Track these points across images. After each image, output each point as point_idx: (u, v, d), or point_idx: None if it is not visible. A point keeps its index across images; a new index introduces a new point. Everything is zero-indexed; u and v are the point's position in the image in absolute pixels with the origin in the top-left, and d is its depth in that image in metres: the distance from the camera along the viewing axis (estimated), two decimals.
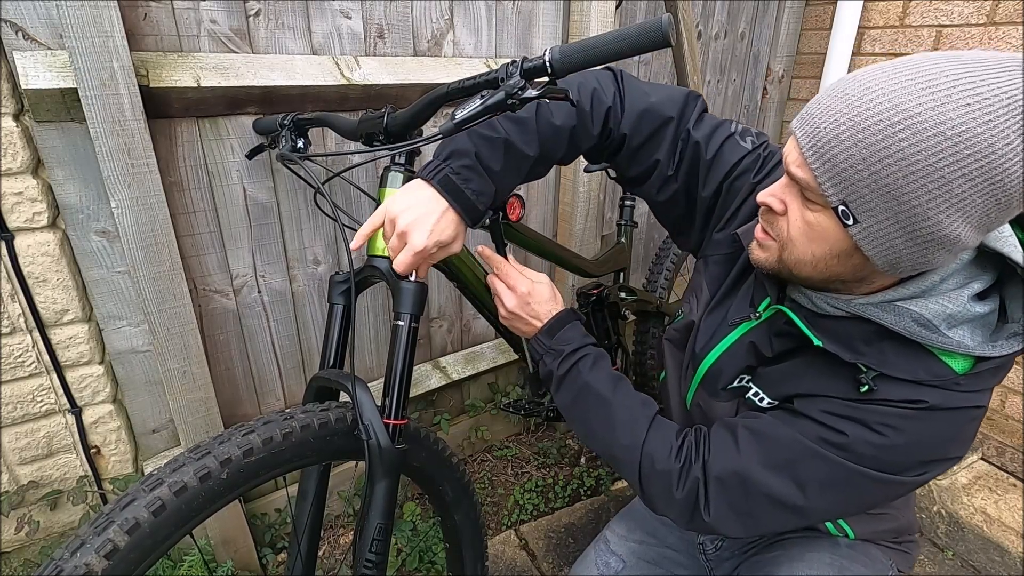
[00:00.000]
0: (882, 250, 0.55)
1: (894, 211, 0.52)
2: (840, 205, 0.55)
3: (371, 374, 1.52)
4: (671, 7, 1.56)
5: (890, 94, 0.50)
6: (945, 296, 0.59)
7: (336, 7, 1.17)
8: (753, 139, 0.80)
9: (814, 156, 0.54)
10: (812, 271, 0.62)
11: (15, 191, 0.96)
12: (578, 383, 0.82)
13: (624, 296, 1.48)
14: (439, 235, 0.72)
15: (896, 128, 0.49)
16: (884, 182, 0.51)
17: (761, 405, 0.74)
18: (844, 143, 0.52)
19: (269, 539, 1.42)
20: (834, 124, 0.53)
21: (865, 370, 0.62)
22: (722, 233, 0.82)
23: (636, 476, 0.77)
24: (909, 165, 0.49)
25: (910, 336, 0.60)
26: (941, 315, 0.59)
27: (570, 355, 0.84)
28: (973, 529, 1.61)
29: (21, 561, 1.19)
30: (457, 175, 0.71)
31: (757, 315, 0.74)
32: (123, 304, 1.10)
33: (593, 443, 0.83)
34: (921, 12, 1.87)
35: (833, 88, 0.55)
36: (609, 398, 0.80)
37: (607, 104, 0.79)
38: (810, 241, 0.60)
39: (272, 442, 0.72)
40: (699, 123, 0.81)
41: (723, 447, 0.72)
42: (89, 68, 0.87)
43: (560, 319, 0.86)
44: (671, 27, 0.57)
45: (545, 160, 0.79)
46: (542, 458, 1.85)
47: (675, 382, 0.91)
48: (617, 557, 1.00)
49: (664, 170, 0.83)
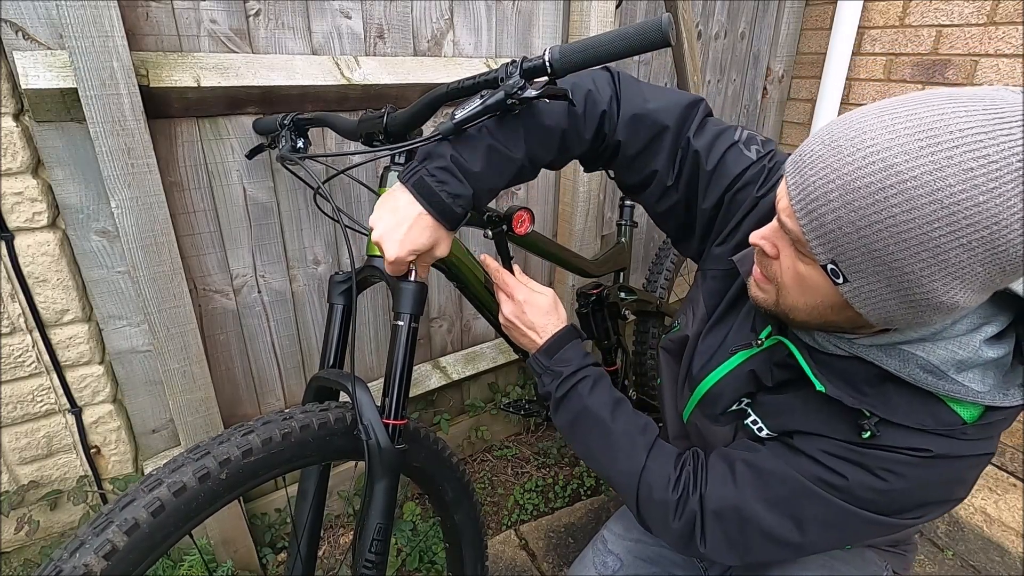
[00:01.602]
0: (875, 309, 0.52)
1: (885, 275, 0.48)
2: (829, 264, 0.51)
3: (371, 374, 1.52)
4: (671, 7, 1.56)
5: (884, 152, 0.45)
6: (955, 341, 0.55)
7: (336, 7, 1.17)
8: (759, 148, 0.75)
9: (802, 212, 0.51)
10: (807, 317, 0.60)
11: (15, 191, 0.96)
12: (577, 406, 0.81)
13: (624, 296, 1.48)
14: (412, 244, 0.69)
15: (888, 192, 0.45)
16: (874, 247, 0.47)
17: (760, 435, 0.72)
18: (832, 203, 0.48)
19: (269, 539, 1.42)
20: (823, 179, 0.49)
21: (868, 415, 0.60)
22: (721, 248, 0.78)
23: (634, 502, 0.76)
24: (901, 232, 0.45)
25: (915, 383, 0.56)
26: (950, 361, 0.55)
27: (569, 377, 0.82)
28: (973, 529, 1.61)
29: (21, 561, 1.19)
30: (432, 177, 0.68)
31: (759, 343, 0.71)
32: (123, 304, 1.10)
33: (591, 464, 0.83)
34: (921, 12, 1.87)
35: (827, 133, 0.51)
36: (608, 423, 0.79)
37: (602, 108, 0.74)
38: (803, 291, 0.57)
39: (271, 442, 0.72)
40: (701, 131, 0.76)
41: (721, 480, 0.70)
42: (89, 68, 0.87)
43: (560, 338, 0.84)
44: (671, 27, 0.57)
45: (532, 163, 0.75)
46: (542, 458, 1.85)
47: (671, 392, 0.89)
48: (615, 556, 1.00)
49: (664, 180, 0.78)
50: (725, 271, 0.77)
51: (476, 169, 0.70)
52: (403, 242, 0.69)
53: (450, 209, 0.69)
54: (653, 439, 0.78)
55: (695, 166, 0.76)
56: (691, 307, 0.85)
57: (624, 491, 0.77)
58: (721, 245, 0.78)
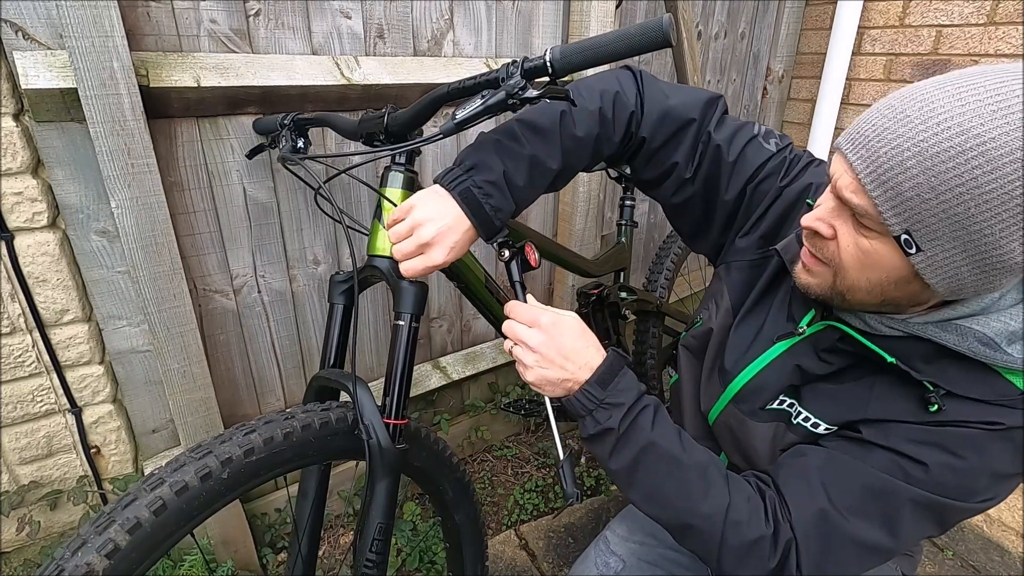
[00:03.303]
0: (945, 278, 0.53)
1: (962, 240, 0.50)
2: (903, 234, 0.52)
3: (371, 374, 1.52)
4: (671, 7, 1.56)
5: (958, 118, 0.47)
6: (1006, 313, 0.57)
7: (336, 7, 1.17)
8: (777, 141, 0.78)
9: (874, 183, 0.52)
10: (867, 296, 0.59)
11: (15, 191, 0.96)
12: (641, 441, 0.67)
13: (624, 296, 1.48)
14: (458, 251, 0.71)
15: (968, 155, 0.47)
16: (954, 211, 0.49)
17: (818, 432, 0.68)
18: (910, 171, 0.49)
19: (269, 539, 1.42)
20: (896, 149, 0.50)
21: (932, 388, 0.59)
22: (746, 239, 0.78)
23: (715, 547, 0.65)
24: (983, 194, 0.47)
25: (973, 356, 0.57)
26: (1003, 333, 0.56)
27: (631, 408, 0.68)
28: (973, 529, 1.61)
29: (21, 561, 1.19)
30: (479, 189, 0.69)
31: (801, 331, 0.69)
32: (123, 304, 1.10)
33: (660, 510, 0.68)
34: (921, 12, 1.87)
35: (888, 108, 0.52)
36: (681, 458, 0.67)
37: (630, 109, 0.76)
38: (864, 268, 0.57)
39: (273, 442, 0.72)
40: (720, 126, 0.78)
41: (802, 497, 0.64)
42: (89, 68, 0.87)
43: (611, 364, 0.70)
44: (671, 27, 0.57)
45: (565, 172, 0.76)
46: (542, 458, 1.85)
47: (691, 391, 0.86)
48: (617, 557, 1.00)
49: (682, 173, 0.80)
50: (751, 262, 0.78)
51: (520, 184, 0.71)
52: (454, 248, 0.70)
53: (491, 222, 0.71)
54: (725, 469, 0.69)
55: (716, 159, 0.77)
56: (713, 301, 0.83)
57: (705, 540, 0.65)
58: (745, 237, 0.79)
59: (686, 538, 0.68)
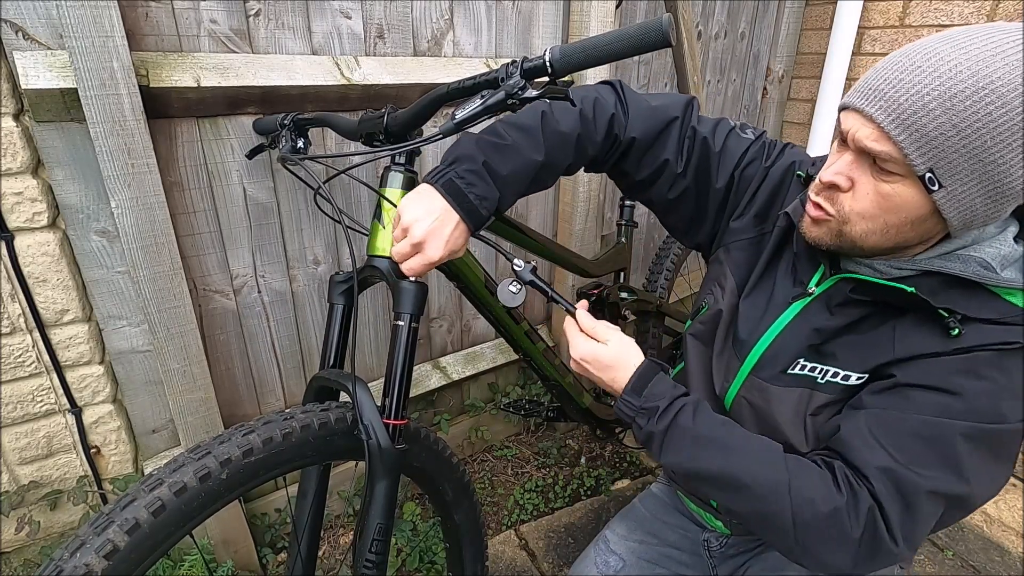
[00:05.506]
0: (961, 210, 0.59)
1: (979, 172, 0.56)
2: (927, 173, 0.57)
3: (371, 374, 1.52)
4: (671, 7, 1.56)
5: (967, 63, 0.54)
6: (996, 240, 0.64)
7: (336, 7, 1.17)
8: (752, 130, 0.86)
9: (898, 128, 0.57)
10: (882, 239, 0.64)
11: (15, 191, 0.96)
12: (687, 437, 0.72)
13: (624, 296, 1.48)
14: (452, 245, 0.73)
15: (983, 93, 0.53)
16: (973, 145, 0.55)
17: (849, 384, 0.70)
18: (932, 112, 0.55)
19: (269, 539, 1.42)
20: (917, 95, 0.56)
21: (948, 315, 0.63)
22: (740, 220, 0.84)
23: (790, 528, 0.65)
24: (997, 127, 0.54)
25: (978, 279, 0.63)
26: (997, 257, 0.63)
27: (667, 409, 0.73)
28: (973, 529, 1.61)
29: (21, 561, 1.19)
30: (461, 179, 0.71)
31: (811, 291, 0.75)
32: (123, 304, 1.10)
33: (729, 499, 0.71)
34: (921, 12, 1.87)
35: (895, 64, 0.58)
36: (730, 443, 0.70)
37: (610, 112, 0.80)
38: (884, 212, 0.62)
39: (272, 442, 0.72)
40: (701, 121, 0.85)
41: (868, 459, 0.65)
42: (89, 68, 0.87)
43: (643, 372, 0.76)
44: (671, 27, 0.57)
45: (551, 167, 0.79)
46: (542, 458, 1.85)
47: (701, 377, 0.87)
48: (617, 556, 1.00)
49: (674, 168, 0.85)
50: (750, 239, 0.84)
51: (504, 173, 0.74)
52: (447, 243, 0.72)
53: (476, 210, 0.73)
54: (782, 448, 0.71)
55: (704, 151, 0.84)
56: (717, 284, 0.87)
57: (777, 519, 0.66)
58: (740, 218, 0.85)
59: (763, 527, 0.69)
